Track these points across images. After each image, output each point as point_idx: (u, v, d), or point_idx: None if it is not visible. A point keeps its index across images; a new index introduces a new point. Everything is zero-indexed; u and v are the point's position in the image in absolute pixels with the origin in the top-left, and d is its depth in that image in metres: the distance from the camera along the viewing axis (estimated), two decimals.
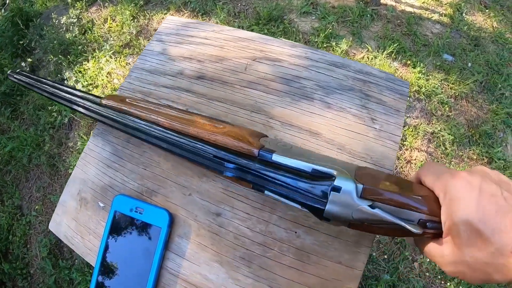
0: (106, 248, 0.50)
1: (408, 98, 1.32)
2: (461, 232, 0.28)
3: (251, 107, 0.55)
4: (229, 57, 0.62)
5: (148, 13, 1.58)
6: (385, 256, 1.17)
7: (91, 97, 0.57)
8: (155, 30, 1.54)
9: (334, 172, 0.33)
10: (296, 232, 0.47)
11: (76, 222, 0.55)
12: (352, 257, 0.45)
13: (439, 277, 1.21)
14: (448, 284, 1.21)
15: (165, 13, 1.57)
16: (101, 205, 0.55)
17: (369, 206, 0.32)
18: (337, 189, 0.32)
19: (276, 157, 0.37)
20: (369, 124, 0.50)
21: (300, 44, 0.61)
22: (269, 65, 0.59)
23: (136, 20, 1.59)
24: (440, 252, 0.32)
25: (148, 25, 1.57)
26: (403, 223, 0.31)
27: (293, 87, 0.55)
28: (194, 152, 0.44)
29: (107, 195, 0.55)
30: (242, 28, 1.41)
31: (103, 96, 0.57)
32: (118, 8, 1.64)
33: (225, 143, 0.41)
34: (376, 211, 0.32)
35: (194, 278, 0.48)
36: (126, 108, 0.52)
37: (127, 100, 0.54)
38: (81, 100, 0.57)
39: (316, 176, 0.34)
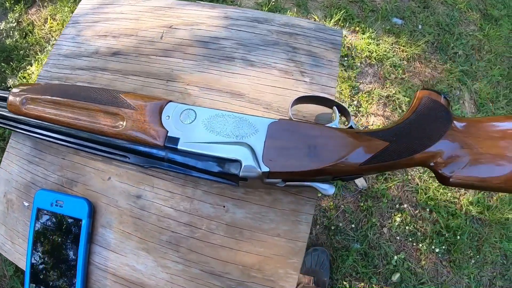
0: (34, 249, 0.44)
1: (360, 64, 1.28)
2: None
3: (167, 76, 0.49)
4: (144, 28, 0.55)
5: None
6: (353, 225, 1.14)
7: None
8: None
9: (228, 166, 0.35)
10: (224, 206, 0.41)
11: (6, 227, 0.49)
12: (292, 228, 0.39)
13: (410, 239, 1.19)
14: (420, 245, 1.19)
15: None
16: (26, 204, 0.49)
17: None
18: (243, 179, 0.34)
19: (181, 146, 0.36)
20: (298, 78, 0.45)
21: (220, 5, 0.54)
22: (187, 30, 0.52)
23: None
24: None
25: None
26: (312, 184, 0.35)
27: (212, 48, 0.49)
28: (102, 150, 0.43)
29: (31, 192, 0.49)
30: None
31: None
32: (58, 6, 1.51)
33: (130, 140, 0.39)
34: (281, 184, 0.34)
35: (122, 271, 0.42)
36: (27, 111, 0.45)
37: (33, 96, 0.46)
38: None
39: (224, 159, 0.35)
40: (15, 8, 1.62)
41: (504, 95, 1.42)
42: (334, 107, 0.40)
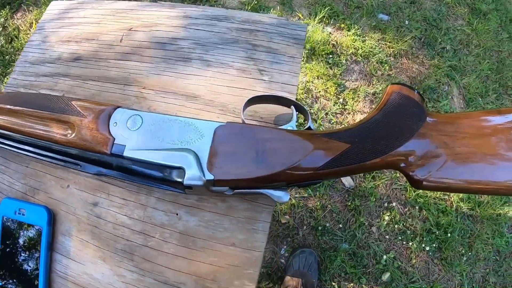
0: (1, 259, 0.44)
1: (345, 62, 1.26)
2: None
3: (124, 80, 0.47)
4: (105, 31, 0.54)
5: None
6: (340, 225, 1.12)
7: None
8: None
9: (172, 173, 0.33)
10: (177, 214, 0.40)
11: None
12: (248, 237, 0.38)
13: (400, 238, 1.17)
14: (411, 243, 1.18)
15: None
16: None
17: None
18: (188, 187, 0.33)
19: (127, 153, 0.35)
20: (256, 77, 0.43)
21: (180, 4, 0.53)
22: (145, 32, 0.51)
23: None
24: None
25: None
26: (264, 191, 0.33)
27: (169, 50, 0.47)
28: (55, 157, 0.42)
29: None
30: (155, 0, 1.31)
31: None
32: (43, 10, 1.50)
33: (80, 148, 0.38)
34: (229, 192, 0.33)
35: (82, 279, 0.42)
36: None
37: None
38: None
39: (168, 166, 0.34)
40: (1, 13, 1.61)
41: (493, 89, 1.41)
42: (292, 107, 0.38)
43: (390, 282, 1.14)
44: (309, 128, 0.36)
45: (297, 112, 0.39)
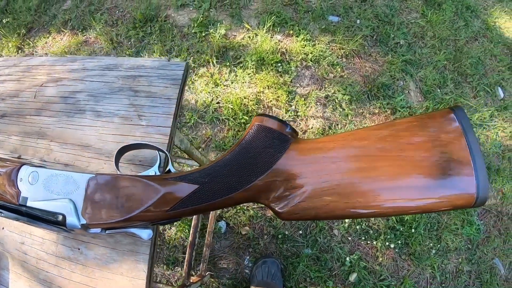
0: None
1: (296, 68, 1.34)
2: None
3: (37, 134, 0.57)
4: (24, 88, 0.63)
5: (31, 41, 1.57)
6: (300, 232, 1.20)
7: None
8: (41, 57, 1.52)
9: (60, 217, 0.41)
10: (79, 249, 0.49)
11: None
12: (132, 267, 0.47)
13: (363, 238, 1.25)
14: (375, 242, 1.26)
15: (48, 37, 1.56)
16: None
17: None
18: (69, 230, 0.41)
19: (29, 203, 0.43)
20: (136, 122, 0.52)
21: (80, 57, 0.62)
22: (53, 87, 0.60)
23: (21, 51, 1.57)
24: None
25: (33, 53, 1.55)
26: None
27: (69, 103, 0.57)
28: None
29: None
30: (119, 36, 1.41)
31: None
32: (3, 42, 1.61)
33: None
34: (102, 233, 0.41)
35: None
36: None
37: None
38: None
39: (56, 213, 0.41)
40: None
41: (452, 78, 1.49)
42: (157, 152, 0.47)
43: (358, 283, 1.23)
44: (169, 171, 0.45)
45: (163, 153, 0.48)
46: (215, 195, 0.34)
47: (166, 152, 0.46)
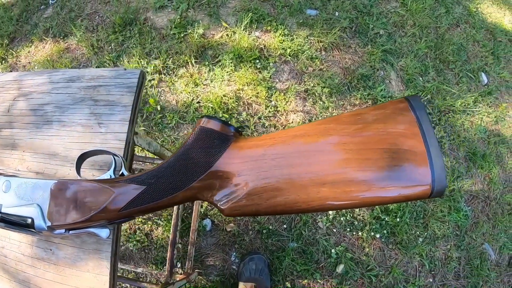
0: None
1: (274, 64, 1.39)
2: None
3: (11, 146, 0.63)
4: None
5: (14, 51, 1.63)
6: (285, 226, 1.26)
7: None
8: (24, 66, 1.59)
9: (29, 220, 0.46)
10: (51, 250, 0.56)
11: None
12: (97, 264, 0.53)
13: (348, 229, 1.31)
14: (360, 233, 1.32)
15: (30, 46, 1.62)
16: None
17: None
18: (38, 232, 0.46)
19: (3, 210, 0.48)
20: (96, 130, 0.58)
21: (46, 70, 0.68)
22: (24, 101, 0.66)
23: (5, 61, 1.63)
24: None
25: (17, 63, 1.62)
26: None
27: (38, 115, 0.62)
28: None
29: None
30: (100, 41, 1.47)
31: None
32: None
33: None
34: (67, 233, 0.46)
35: None
36: None
37: None
38: None
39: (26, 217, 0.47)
40: None
41: (433, 66, 1.53)
42: (112, 156, 0.53)
43: (345, 274, 1.28)
44: (122, 174, 0.51)
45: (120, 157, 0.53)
46: (161, 195, 0.38)
47: (120, 156, 0.52)
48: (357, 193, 0.32)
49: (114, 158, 0.53)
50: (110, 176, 0.51)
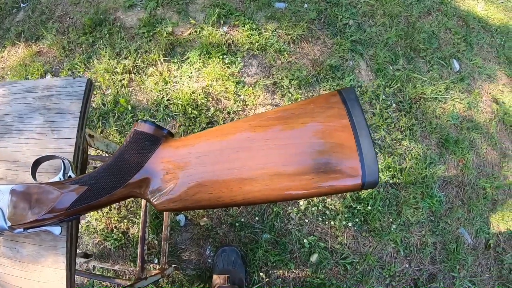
0: None
1: (242, 58, 1.47)
2: None
3: None
4: None
5: None
6: (257, 218, 1.35)
7: None
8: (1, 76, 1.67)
9: None
10: (16, 248, 0.64)
11: None
12: (55, 259, 0.61)
13: (321, 219, 1.40)
14: (333, 222, 1.41)
15: (3, 51, 1.69)
16: None
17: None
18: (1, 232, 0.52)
19: None
20: (49, 137, 0.66)
21: (6, 82, 0.76)
22: None
23: None
24: None
25: None
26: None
27: (0, 125, 0.71)
28: None
29: None
30: (71, 43, 1.55)
31: None
32: None
33: None
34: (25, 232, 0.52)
35: None
36: None
37: None
38: None
39: None
40: None
41: (403, 54, 1.61)
42: (60, 161, 0.61)
43: (320, 263, 1.38)
44: (70, 176, 0.59)
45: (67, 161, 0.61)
46: (101, 194, 0.44)
47: (68, 160, 0.61)
48: (281, 187, 0.35)
49: (63, 162, 0.61)
50: (60, 179, 0.60)
